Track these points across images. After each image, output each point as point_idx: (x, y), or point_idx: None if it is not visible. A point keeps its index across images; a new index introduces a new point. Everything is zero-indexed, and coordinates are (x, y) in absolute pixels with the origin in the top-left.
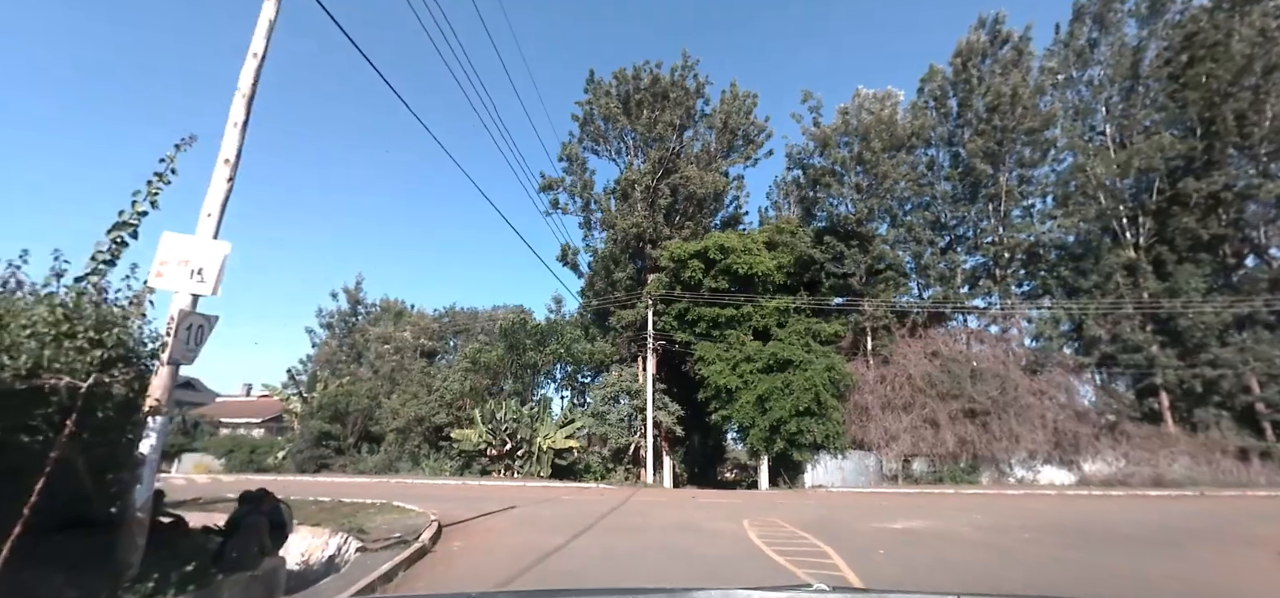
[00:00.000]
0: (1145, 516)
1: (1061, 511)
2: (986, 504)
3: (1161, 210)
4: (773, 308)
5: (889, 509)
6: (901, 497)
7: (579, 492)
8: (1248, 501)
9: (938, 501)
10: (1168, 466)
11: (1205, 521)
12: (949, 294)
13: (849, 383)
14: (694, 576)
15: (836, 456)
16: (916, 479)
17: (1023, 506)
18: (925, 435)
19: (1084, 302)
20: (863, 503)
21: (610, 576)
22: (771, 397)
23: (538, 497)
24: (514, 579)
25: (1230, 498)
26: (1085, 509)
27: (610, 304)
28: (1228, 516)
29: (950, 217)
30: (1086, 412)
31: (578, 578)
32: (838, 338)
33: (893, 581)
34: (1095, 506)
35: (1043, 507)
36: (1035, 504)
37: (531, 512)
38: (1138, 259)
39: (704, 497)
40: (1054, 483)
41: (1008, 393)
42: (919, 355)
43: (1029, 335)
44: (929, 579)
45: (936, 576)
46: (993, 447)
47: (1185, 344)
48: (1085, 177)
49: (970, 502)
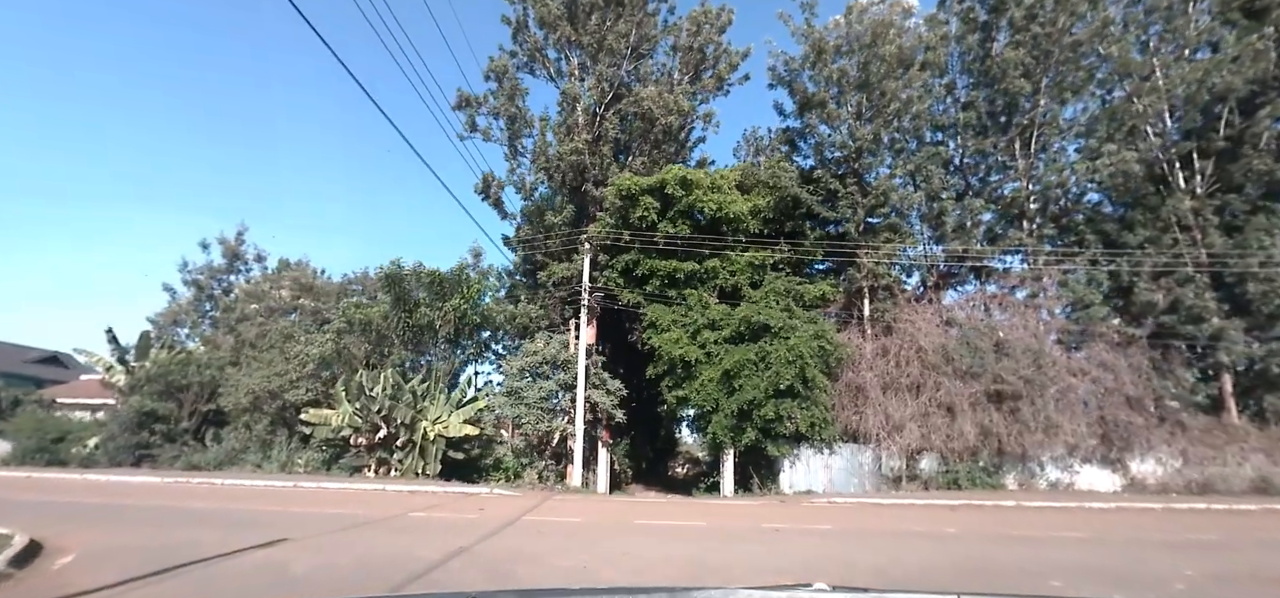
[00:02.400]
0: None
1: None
2: (1075, 522)
3: (1225, 151)
4: (745, 262)
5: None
6: (936, 513)
7: (457, 502)
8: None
9: (1001, 519)
10: (1237, 466)
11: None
12: (968, 249)
13: (841, 356)
14: None
15: (822, 450)
16: (925, 482)
17: (1169, 530)
18: (938, 425)
19: (1137, 258)
20: (895, 522)
21: None
22: (742, 373)
23: (370, 514)
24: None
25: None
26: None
27: (538, 251)
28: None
29: (969, 155)
30: (1139, 398)
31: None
32: (826, 301)
33: None
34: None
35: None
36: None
37: (283, 555)
38: (1201, 206)
39: (648, 509)
40: (1096, 488)
41: (1044, 372)
42: (931, 324)
43: (1062, 302)
44: None
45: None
46: (1024, 439)
47: (1256, 315)
48: (1136, 105)
49: (1056, 521)
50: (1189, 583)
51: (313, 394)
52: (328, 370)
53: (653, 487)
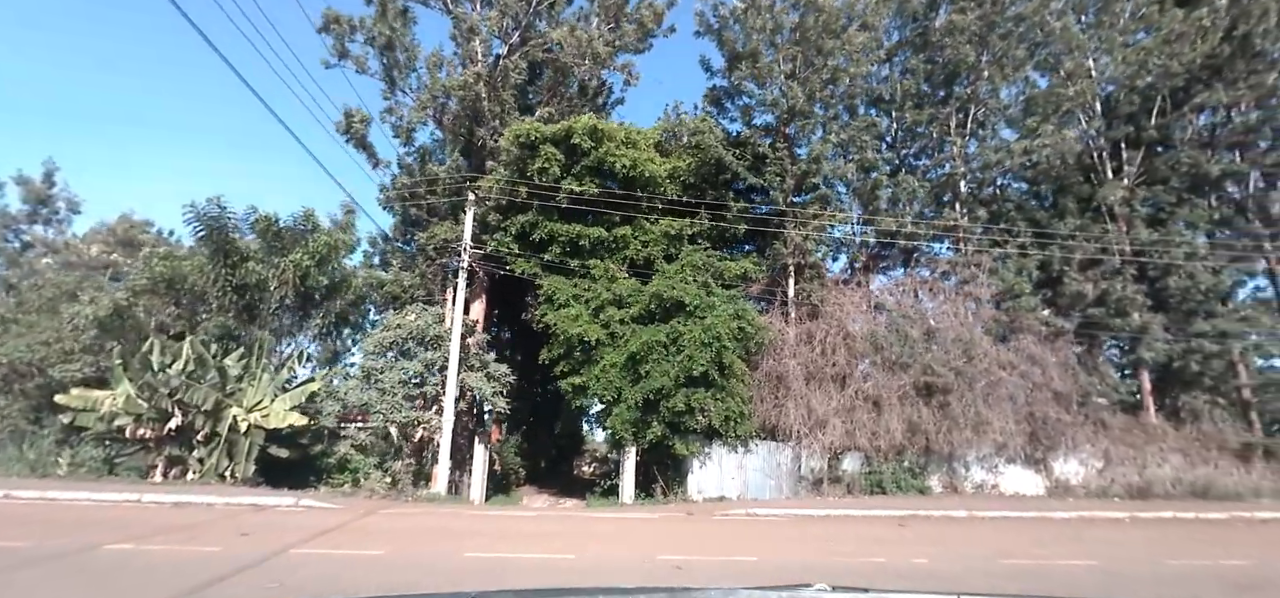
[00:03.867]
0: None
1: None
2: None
3: (1154, 142)
4: (661, 232)
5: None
6: (881, 530)
7: (225, 520)
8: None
9: (936, 530)
10: (1156, 466)
11: None
12: (901, 228)
13: (763, 341)
14: None
15: (737, 448)
16: (847, 485)
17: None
18: (863, 421)
19: (1068, 248)
20: (836, 544)
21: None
22: (649, 357)
23: (25, 546)
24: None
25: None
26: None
27: (417, 207)
28: None
29: (905, 129)
30: (1065, 394)
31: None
32: (748, 280)
33: None
34: (1179, 550)
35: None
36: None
37: None
38: (1130, 197)
39: (507, 529)
40: (1021, 492)
41: (974, 363)
42: (859, 309)
43: (992, 291)
44: None
45: None
46: (952, 436)
47: (1176, 311)
48: (1069, 90)
49: (1037, 537)
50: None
51: (92, 370)
52: (116, 341)
53: (549, 489)
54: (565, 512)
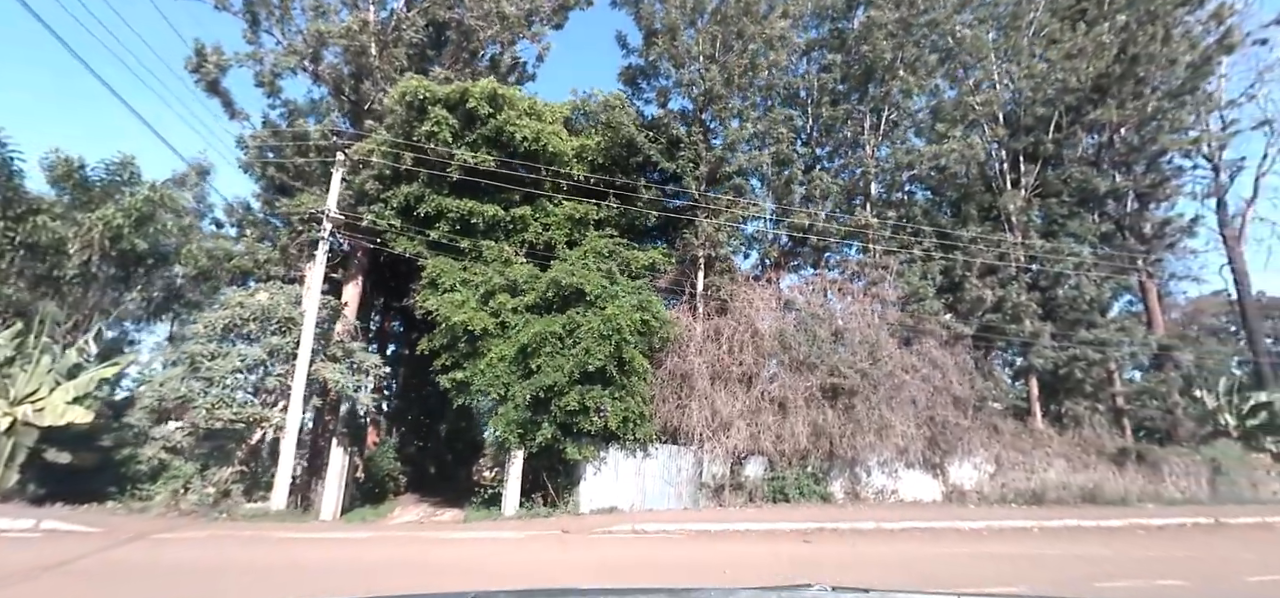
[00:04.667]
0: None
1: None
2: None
3: (1051, 156)
4: (564, 215)
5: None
6: (785, 548)
7: None
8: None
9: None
10: (1044, 471)
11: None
12: (814, 225)
13: (668, 336)
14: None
15: (635, 453)
16: (750, 492)
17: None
18: (768, 424)
19: (969, 253)
20: (739, 569)
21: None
22: (542, 350)
23: None
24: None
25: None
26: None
27: (282, 170)
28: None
29: (820, 125)
30: (963, 398)
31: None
32: (656, 271)
33: None
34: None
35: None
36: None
37: None
38: (1026, 208)
39: (289, 563)
40: (920, 497)
41: (880, 365)
42: (769, 306)
43: (898, 293)
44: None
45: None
46: (856, 440)
47: (1063, 320)
48: (975, 99)
49: (967, 553)
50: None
51: None
52: None
53: (433, 499)
54: (423, 530)
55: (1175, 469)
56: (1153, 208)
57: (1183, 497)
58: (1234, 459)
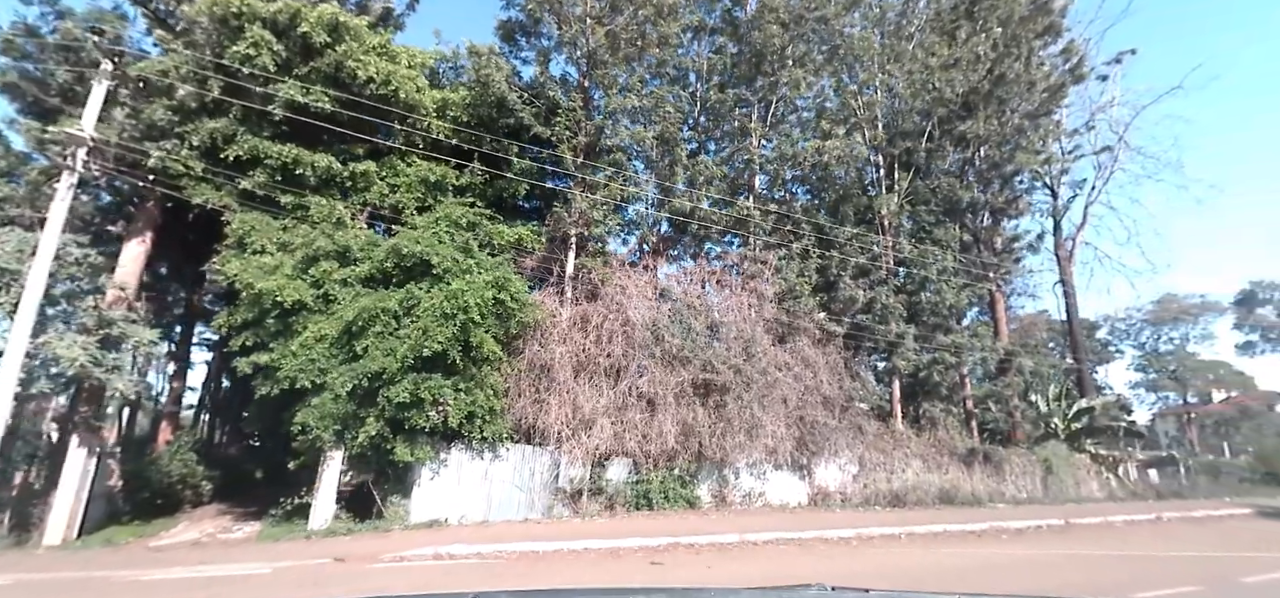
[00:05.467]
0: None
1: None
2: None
3: (922, 165)
4: (418, 176)
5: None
6: (614, 563)
7: None
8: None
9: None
10: (903, 471)
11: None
12: (696, 211)
13: (529, 321)
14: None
15: (483, 454)
16: (610, 497)
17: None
18: (635, 422)
19: (844, 253)
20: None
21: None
22: (370, 329)
23: None
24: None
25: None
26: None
27: (30, 79)
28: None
29: (708, 109)
30: (833, 398)
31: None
32: (523, 249)
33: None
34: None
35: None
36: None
37: None
38: (898, 213)
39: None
40: (787, 501)
41: (754, 361)
42: (644, 294)
43: (775, 289)
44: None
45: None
46: (726, 441)
47: (925, 324)
48: (861, 100)
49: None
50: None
51: None
52: None
53: (241, 510)
54: (174, 554)
55: (1015, 469)
56: (1004, 224)
57: (1025, 495)
58: (1062, 459)
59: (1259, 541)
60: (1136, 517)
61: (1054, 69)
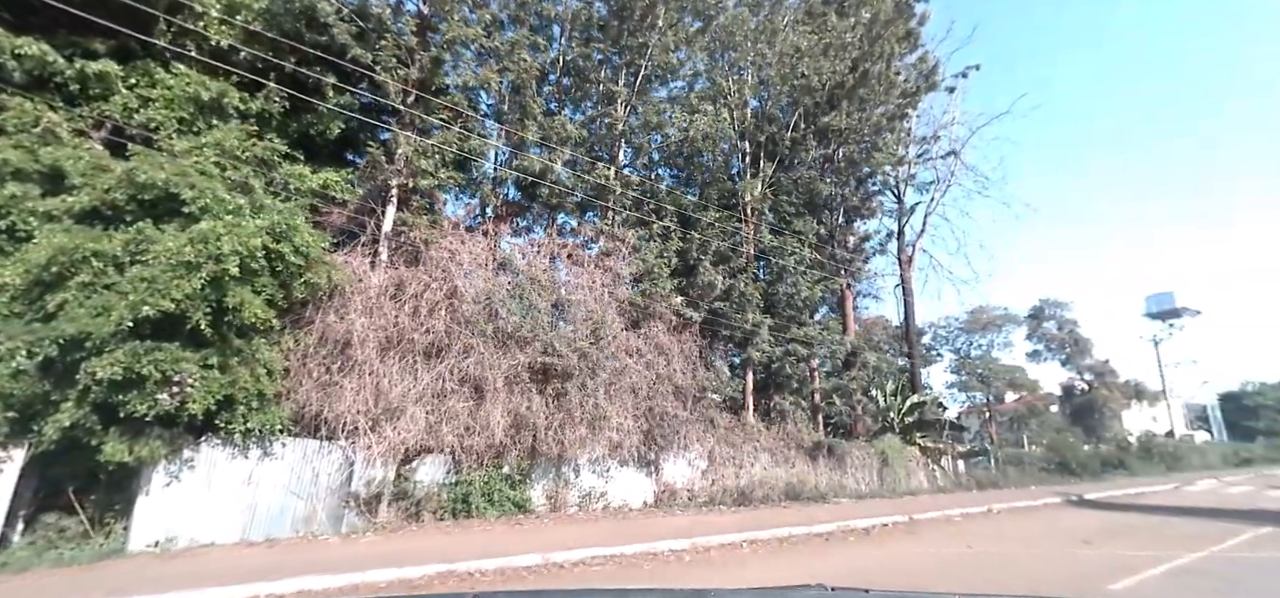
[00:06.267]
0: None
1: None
2: None
3: (786, 155)
4: (184, 90)
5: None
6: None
7: None
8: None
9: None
10: (752, 466)
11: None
12: (550, 174)
13: (323, 283)
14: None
15: (246, 451)
16: (418, 503)
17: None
18: (457, 412)
19: (706, 237)
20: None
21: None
22: (73, 279)
23: None
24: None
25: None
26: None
27: None
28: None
29: (567, 64)
30: (685, 389)
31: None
32: (332, 199)
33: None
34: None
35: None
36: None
37: None
38: (761, 202)
39: None
40: (629, 502)
41: (603, 346)
42: (479, 262)
43: (632, 270)
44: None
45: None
46: (565, 434)
47: (780, 316)
48: (731, 80)
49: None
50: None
51: None
52: None
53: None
54: None
55: (855, 461)
56: (857, 224)
57: (865, 488)
58: (896, 451)
59: (1086, 531)
60: (970, 509)
61: (910, 76)
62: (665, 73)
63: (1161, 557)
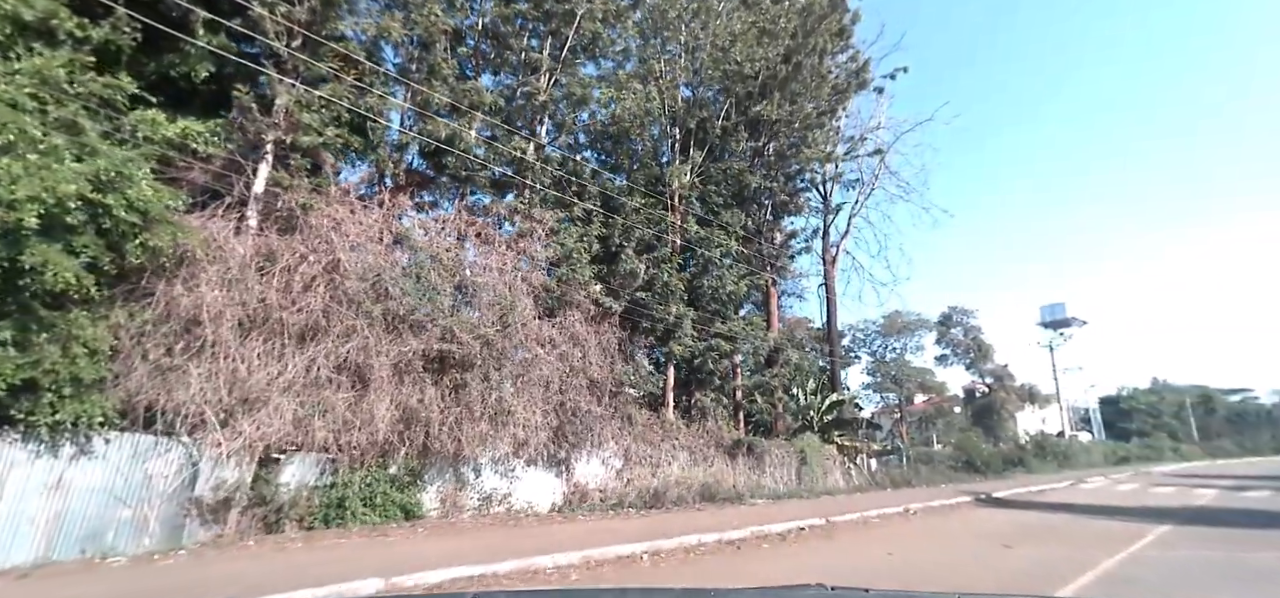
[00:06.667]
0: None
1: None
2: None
3: (716, 145)
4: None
5: None
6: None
7: None
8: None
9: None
10: (669, 465)
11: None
12: (460, 141)
13: (163, 246)
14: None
15: (55, 448)
16: (279, 511)
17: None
18: (333, 403)
19: (632, 222)
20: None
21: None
22: None
23: None
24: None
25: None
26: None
27: None
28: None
29: (485, 27)
30: (602, 382)
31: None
32: (194, 153)
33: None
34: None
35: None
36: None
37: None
38: (689, 191)
39: None
40: (536, 504)
41: (510, 334)
42: (370, 234)
43: (550, 254)
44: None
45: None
46: (462, 430)
47: (704, 310)
48: (658, 67)
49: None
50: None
51: None
52: None
53: None
54: None
55: (774, 460)
56: (784, 221)
57: (783, 488)
58: (815, 449)
59: (1004, 533)
60: (887, 510)
61: (841, 73)
62: (594, 46)
63: (1085, 561)
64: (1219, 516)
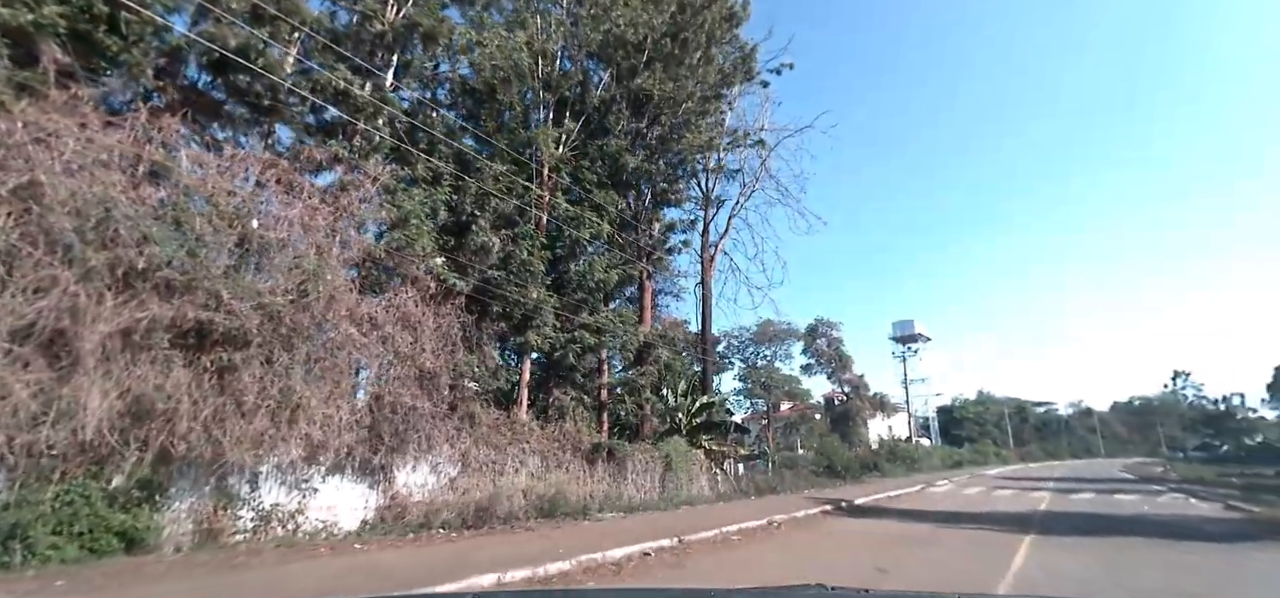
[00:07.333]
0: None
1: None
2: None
3: (592, 117)
4: None
5: None
6: None
7: None
8: None
9: None
10: (514, 472)
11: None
12: (263, 59)
13: None
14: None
15: None
16: None
17: None
18: (12, 389)
19: (491, 191)
20: None
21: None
22: None
23: None
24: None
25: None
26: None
27: None
28: None
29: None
30: (436, 374)
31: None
32: None
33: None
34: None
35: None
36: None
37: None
38: (559, 164)
39: None
40: (337, 521)
41: (312, 309)
42: (105, 160)
43: (382, 217)
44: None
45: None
46: (229, 428)
47: (570, 298)
48: (535, 24)
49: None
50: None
51: None
52: None
53: None
54: None
55: (637, 465)
56: (664, 211)
57: (639, 499)
58: (681, 454)
59: (873, 549)
60: (749, 523)
61: (728, 58)
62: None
63: (976, 579)
64: (1073, 521)
